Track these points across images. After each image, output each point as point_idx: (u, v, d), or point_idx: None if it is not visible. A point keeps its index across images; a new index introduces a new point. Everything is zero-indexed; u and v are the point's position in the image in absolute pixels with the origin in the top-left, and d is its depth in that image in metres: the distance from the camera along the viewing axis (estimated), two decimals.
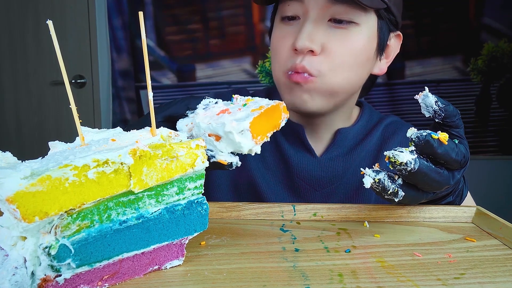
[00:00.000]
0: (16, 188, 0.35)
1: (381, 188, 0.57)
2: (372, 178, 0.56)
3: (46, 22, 0.41)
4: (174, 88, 2.73)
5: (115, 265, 0.44)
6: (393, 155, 0.55)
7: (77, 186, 0.39)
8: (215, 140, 0.51)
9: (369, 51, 0.77)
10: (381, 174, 0.57)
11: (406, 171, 0.54)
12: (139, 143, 0.42)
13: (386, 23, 0.79)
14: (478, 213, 0.65)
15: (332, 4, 0.73)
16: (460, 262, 0.50)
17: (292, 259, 0.51)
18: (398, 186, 0.57)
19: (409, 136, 0.56)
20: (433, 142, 0.54)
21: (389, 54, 0.85)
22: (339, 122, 0.87)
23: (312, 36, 0.73)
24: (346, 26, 0.74)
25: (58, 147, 0.44)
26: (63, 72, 0.42)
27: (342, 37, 0.74)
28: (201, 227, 0.50)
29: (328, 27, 0.74)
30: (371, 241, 0.57)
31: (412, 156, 0.54)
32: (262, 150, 0.88)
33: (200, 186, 0.48)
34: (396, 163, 0.55)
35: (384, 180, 0.57)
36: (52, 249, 0.39)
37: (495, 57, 2.60)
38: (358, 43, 0.75)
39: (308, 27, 0.73)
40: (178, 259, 0.49)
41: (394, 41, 0.84)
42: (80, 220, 0.41)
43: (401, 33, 0.85)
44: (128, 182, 0.42)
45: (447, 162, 0.56)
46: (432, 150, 0.55)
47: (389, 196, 0.57)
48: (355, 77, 0.77)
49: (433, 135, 0.54)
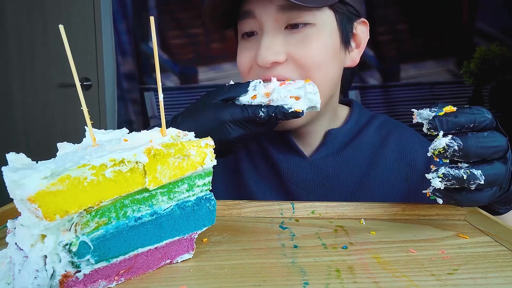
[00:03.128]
0: (38, 188, 0.36)
1: (456, 180, 0.52)
2: (437, 176, 0.52)
3: (58, 26, 0.41)
4: (177, 90, 2.73)
5: (130, 260, 0.45)
6: (433, 149, 0.52)
7: (95, 185, 0.39)
8: (295, 100, 0.64)
9: (333, 46, 0.75)
10: (441, 169, 0.53)
11: (458, 151, 0.51)
12: (153, 143, 0.43)
13: (344, 14, 0.77)
14: (470, 211, 0.65)
15: (283, 12, 0.72)
16: (453, 258, 0.51)
17: (291, 255, 0.51)
18: (468, 168, 0.52)
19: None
20: (443, 116, 0.52)
21: (359, 42, 0.82)
22: (326, 124, 0.86)
23: (272, 48, 0.72)
24: (303, 29, 0.73)
25: (67, 148, 0.45)
26: (75, 75, 0.42)
27: (302, 41, 0.73)
28: (209, 222, 0.51)
29: (286, 35, 0.73)
30: (367, 238, 0.57)
31: (447, 138, 0.51)
32: (254, 157, 0.89)
33: (208, 183, 0.49)
34: (441, 152, 0.51)
35: (449, 171, 0.52)
36: (73, 246, 0.39)
37: (487, 60, 2.60)
38: (319, 42, 0.73)
39: (266, 41, 0.73)
40: (189, 253, 0.50)
41: (361, 28, 0.82)
42: (99, 217, 0.41)
43: (366, 20, 0.82)
44: (143, 180, 0.43)
45: (479, 124, 0.52)
46: (452, 122, 0.51)
47: (471, 185, 0.52)
48: (328, 74, 0.76)
49: (439, 113, 0.52)
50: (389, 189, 0.85)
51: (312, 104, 0.64)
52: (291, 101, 0.64)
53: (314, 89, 0.64)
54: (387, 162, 0.86)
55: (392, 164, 0.86)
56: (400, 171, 0.85)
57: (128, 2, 2.70)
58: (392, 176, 0.85)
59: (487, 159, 0.53)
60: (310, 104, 0.64)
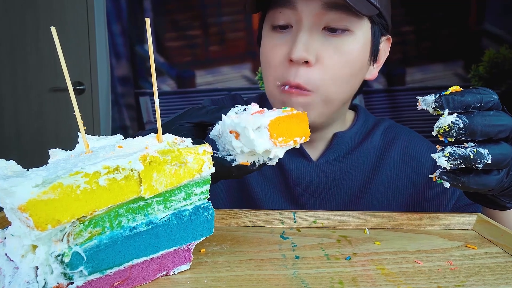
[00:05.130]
0: (28, 196, 0.36)
1: (463, 159, 0.52)
2: (443, 155, 0.53)
3: (50, 28, 0.41)
4: (174, 94, 2.73)
5: (125, 271, 0.45)
6: (438, 127, 0.52)
7: (88, 193, 0.39)
8: (235, 138, 0.49)
9: (363, 59, 0.76)
10: (448, 148, 0.53)
11: (464, 129, 0.51)
12: (148, 149, 0.43)
13: (378, 28, 0.78)
14: (479, 220, 0.65)
15: (326, 11, 0.71)
16: (461, 269, 0.51)
17: (292, 266, 0.51)
18: (474, 147, 0.52)
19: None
20: (450, 95, 0.52)
21: (380, 58, 0.84)
22: (334, 127, 0.87)
23: (308, 46, 0.72)
24: (341, 35, 0.73)
25: (59, 155, 0.45)
26: (67, 79, 0.42)
27: (337, 47, 0.73)
28: (207, 232, 0.50)
29: (322, 36, 0.73)
30: (371, 248, 0.57)
31: (453, 116, 0.52)
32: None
33: (206, 191, 0.49)
34: (446, 130, 0.52)
35: (455, 150, 0.52)
36: (65, 257, 0.39)
37: (496, 64, 2.60)
38: (353, 52, 0.74)
39: (304, 37, 0.72)
40: (186, 264, 0.50)
41: (384, 44, 0.83)
42: (92, 227, 0.41)
43: (390, 36, 0.84)
44: (139, 188, 0.43)
45: (485, 104, 0.53)
46: (458, 101, 0.52)
47: (477, 164, 0.52)
48: (350, 87, 0.77)
49: (445, 92, 0.53)
50: (394, 193, 0.86)
51: (251, 147, 0.48)
52: (231, 137, 0.50)
53: (257, 123, 0.47)
54: (393, 166, 0.87)
55: (398, 168, 0.87)
56: (406, 175, 0.87)
57: (123, 2, 2.70)
58: (397, 180, 0.86)
59: (493, 138, 0.53)
60: (250, 147, 0.49)
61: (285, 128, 0.48)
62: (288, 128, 0.48)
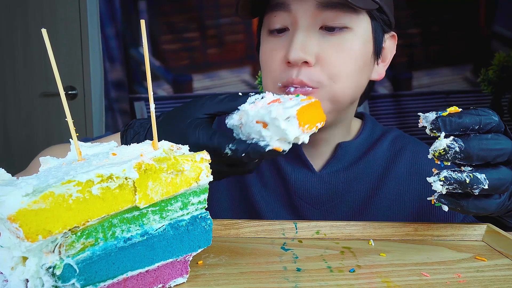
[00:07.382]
0: (18, 206, 0.36)
1: (458, 184, 0.53)
2: (439, 180, 0.53)
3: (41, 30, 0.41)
4: (170, 99, 2.73)
5: (119, 284, 0.45)
6: (433, 150, 0.53)
7: (81, 202, 0.39)
8: (263, 127, 0.52)
9: (365, 55, 0.77)
10: (443, 172, 0.54)
11: (459, 153, 0.52)
12: (143, 157, 0.43)
13: (379, 24, 0.78)
14: (488, 231, 0.65)
15: (322, 10, 0.72)
16: (470, 282, 0.51)
17: (293, 279, 0.51)
18: (471, 172, 0.53)
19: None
20: (447, 116, 0.53)
21: (386, 57, 0.84)
22: (339, 136, 0.87)
23: (305, 47, 0.72)
24: (339, 33, 0.74)
25: (50, 162, 0.45)
26: (59, 83, 0.42)
27: (336, 45, 0.74)
28: (205, 243, 0.51)
29: (320, 36, 0.74)
30: (376, 260, 0.57)
31: (449, 139, 0.53)
32: (260, 167, 0.88)
33: (203, 200, 0.49)
34: (442, 153, 0.53)
35: (451, 174, 0.53)
36: (56, 269, 0.39)
37: (506, 67, 2.60)
38: (354, 49, 0.74)
39: (300, 37, 0.73)
40: (183, 277, 0.50)
41: (389, 42, 0.84)
42: (85, 238, 0.41)
43: (395, 33, 0.85)
44: (133, 198, 0.43)
45: (484, 125, 0.53)
46: (455, 123, 0.52)
47: (474, 190, 0.53)
48: (355, 84, 0.77)
49: (443, 113, 0.53)
50: (400, 207, 0.86)
51: (282, 135, 0.52)
52: (258, 127, 0.53)
53: (286, 113, 0.51)
54: (399, 179, 0.87)
55: (405, 181, 0.87)
56: (413, 188, 0.86)
57: (117, 3, 2.71)
58: (404, 193, 0.86)
59: (491, 163, 0.54)
60: (280, 135, 0.52)
61: (310, 116, 0.53)
62: (311, 115, 0.53)
